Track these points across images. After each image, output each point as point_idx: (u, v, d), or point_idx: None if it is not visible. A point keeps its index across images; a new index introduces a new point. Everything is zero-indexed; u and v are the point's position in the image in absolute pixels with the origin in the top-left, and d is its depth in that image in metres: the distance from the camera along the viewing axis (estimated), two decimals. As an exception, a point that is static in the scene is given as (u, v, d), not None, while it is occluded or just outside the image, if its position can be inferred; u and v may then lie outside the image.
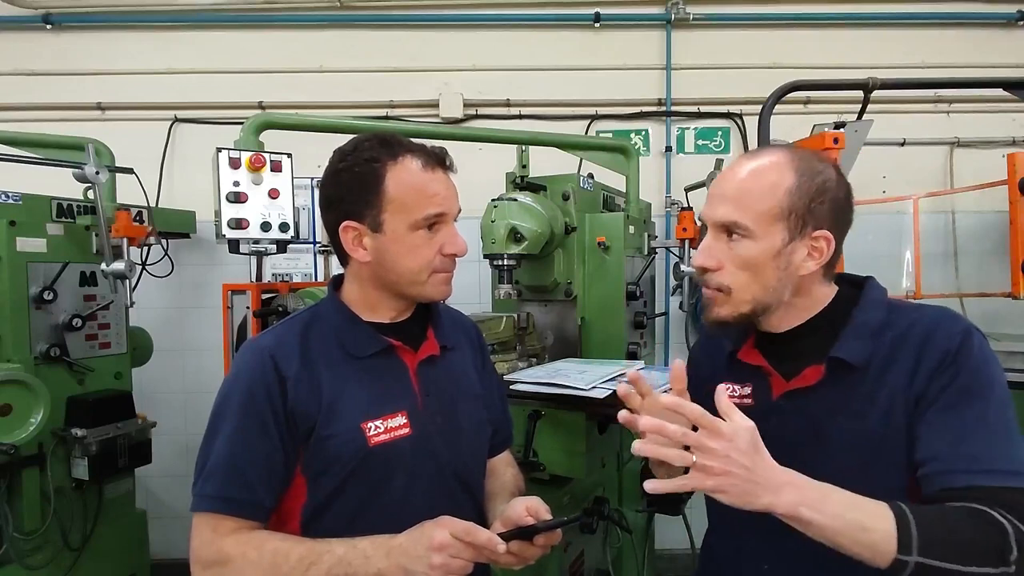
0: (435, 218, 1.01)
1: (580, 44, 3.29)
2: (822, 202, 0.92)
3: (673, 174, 3.28)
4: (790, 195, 0.91)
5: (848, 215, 0.97)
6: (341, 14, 3.29)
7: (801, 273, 0.94)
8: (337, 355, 1.02)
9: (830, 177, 0.94)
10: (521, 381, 1.67)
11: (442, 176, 1.03)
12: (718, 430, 0.78)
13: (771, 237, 0.92)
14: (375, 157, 1.00)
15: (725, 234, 0.95)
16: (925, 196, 2.89)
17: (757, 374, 1.02)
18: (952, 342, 0.88)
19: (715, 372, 1.12)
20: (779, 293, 0.95)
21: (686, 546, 2.36)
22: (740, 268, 0.94)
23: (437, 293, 1.06)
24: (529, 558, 0.94)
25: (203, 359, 3.21)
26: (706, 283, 0.98)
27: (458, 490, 1.08)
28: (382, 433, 0.99)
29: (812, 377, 0.94)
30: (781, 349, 1.01)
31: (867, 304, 0.96)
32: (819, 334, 0.97)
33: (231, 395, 0.98)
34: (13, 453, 1.96)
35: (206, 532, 0.93)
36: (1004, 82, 2.36)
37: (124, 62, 3.28)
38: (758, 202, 0.92)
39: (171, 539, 2.84)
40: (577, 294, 2.18)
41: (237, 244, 1.96)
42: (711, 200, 0.98)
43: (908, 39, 3.24)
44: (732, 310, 0.96)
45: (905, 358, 0.90)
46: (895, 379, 0.90)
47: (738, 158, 1.00)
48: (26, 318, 2.10)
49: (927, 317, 0.93)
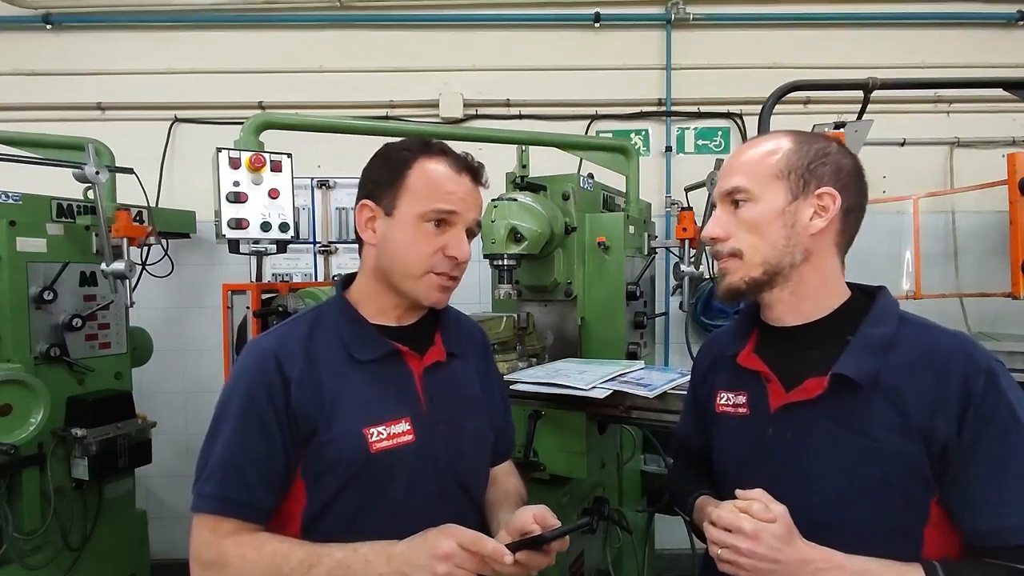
0: (445, 215, 1.00)
1: (580, 44, 3.29)
2: (823, 163, 0.94)
3: (673, 174, 3.28)
4: (788, 156, 0.94)
5: (858, 183, 0.96)
6: (341, 14, 3.29)
7: (810, 232, 0.93)
8: (341, 358, 1.01)
9: (831, 145, 0.96)
10: (521, 381, 1.67)
11: (466, 182, 1.03)
12: (740, 529, 0.83)
13: (772, 197, 0.94)
14: (409, 148, 1.04)
15: (731, 205, 0.98)
16: (925, 196, 2.89)
17: (755, 380, 1.00)
18: (977, 383, 0.85)
19: (708, 373, 1.13)
20: (790, 253, 0.94)
21: (686, 546, 2.35)
22: (748, 231, 0.96)
23: (428, 297, 1.03)
24: (536, 567, 0.92)
25: (203, 359, 3.21)
26: (718, 254, 1.00)
27: (460, 497, 1.06)
28: (384, 439, 0.97)
29: (813, 390, 0.92)
30: (784, 352, 0.99)
31: (877, 316, 0.94)
32: (825, 342, 0.95)
33: (232, 396, 0.97)
34: (13, 453, 1.96)
35: (205, 533, 0.93)
36: (1004, 82, 2.36)
37: (124, 62, 3.28)
38: (756, 166, 0.96)
39: (171, 539, 2.84)
40: (577, 294, 2.18)
41: (237, 244, 1.96)
42: (719, 180, 1.02)
43: (908, 39, 3.24)
44: (744, 273, 0.97)
45: (920, 386, 0.87)
46: (906, 402, 0.87)
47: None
48: (26, 318, 2.10)
49: (946, 346, 0.89)
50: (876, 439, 0.87)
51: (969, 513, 0.84)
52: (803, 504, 0.87)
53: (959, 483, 0.85)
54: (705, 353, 1.17)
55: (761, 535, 0.82)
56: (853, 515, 0.89)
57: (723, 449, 1.06)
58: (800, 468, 0.92)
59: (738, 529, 0.83)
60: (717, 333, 1.18)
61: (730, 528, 0.85)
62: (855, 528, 0.88)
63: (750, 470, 0.97)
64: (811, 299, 0.97)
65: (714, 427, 1.08)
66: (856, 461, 0.88)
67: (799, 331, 0.98)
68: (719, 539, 0.86)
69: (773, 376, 0.98)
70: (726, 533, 0.85)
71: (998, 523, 0.82)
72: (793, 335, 0.99)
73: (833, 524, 0.88)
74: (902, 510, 0.87)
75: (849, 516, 0.89)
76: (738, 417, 1.02)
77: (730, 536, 0.84)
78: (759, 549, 0.82)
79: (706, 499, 1.05)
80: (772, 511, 0.84)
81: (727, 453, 1.05)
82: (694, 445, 1.18)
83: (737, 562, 0.84)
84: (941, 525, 0.87)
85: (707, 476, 1.13)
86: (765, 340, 1.03)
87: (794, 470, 0.93)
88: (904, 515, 0.87)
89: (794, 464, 0.93)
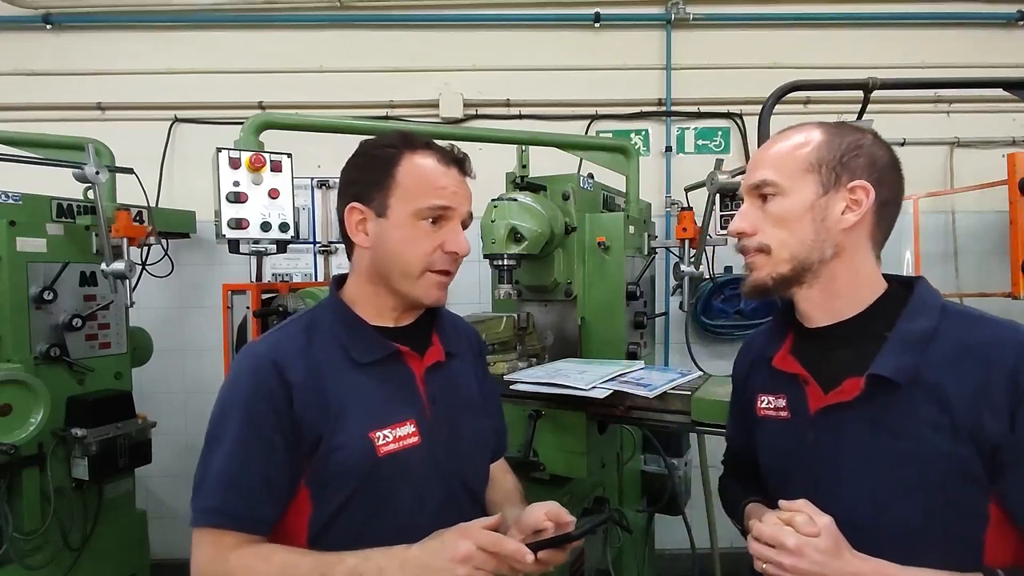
0: (440, 211, 0.98)
1: (580, 44, 3.29)
2: (856, 155, 0.90)
3: (673, 174, 3.28)
4: (818, 149, 0.91)
5: (895, 175, 0.93)
6: (341, 14, 3.29)
7: (842, 227, 0.90)
8: (341, 361, 0.98)
9: (865, 137, 0.93)
10: (521, 381, 1.67)
11: (455, 174, 1.02)
12: (783, 544, 0.80)
13: (802, 190, 0.91)
14: (392, 144, 1.01)
15: (759, 199, 0.95)
16: (925, 196, 2.89)
17: (793, 383, 0.97)
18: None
19: (749, 377, 1.10)
20: (819, 249, 0.90)
21: (686, 546, 2.36)
22: (775, 226, 0.92)
23: (428, 296, 1.01)
24: (555, 564, 0.91)
25: (203, 359, 3.21)
26: (745, 249, 0.97)
27: (464, 499, 1.05)
28: (391, 442, 0.95)
29: (851, 391, 0.89)
30: (820, 353, 0.95)
31: (915, 309, 0.90)
32: (861, 340, 0.91)
33: (230, 406, 0.93)
34: (13, 453, 1.96)
35: (208, 548, 0.90)
36: (1004, 82, 2.36)
37: (124, 62, 3.28)
38: (785, 159, 0.92)
39: (171, 539, 2.84)
40: (577, 294, 2.18)
41: (237, 244, 1.96)
42: (747, 173, 0.98)
43: (908, 39, 3.24)
44: (772, 269, 0.94)
45: (964, 380, 0.83)
46: (949, 399, 0.83)
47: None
48: (26, 318, 2.10)
49: (991, 336, 0.85)
50: (914, 440, 0.84)
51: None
52: (844, 509, 0.84)
53: (1017, 483, 0.81)
54: (744, 356, 1.14)
55: (805, 550, 0.79)
56: (895, 519, 0.85)
57: (766, 453, 1.04)
58: (836, 472, 0.90)
59: (781, 545, 0.80)
60: (754, 334, 1.15)
61: (773, 543, 0.82)
62: (899, 533, 0.85)
63: (792, 475, 0.96)
64: (843, 296, 0.94)
65: (757, 431, 1.05)
66: (891, 464, 0.85)
67: (834, 329, 0.95)
68: (762, 555, 0.83)
69: (811, 378, 0.94)
70: (769, 549, 0.82)
71: None
72: (828, 334, 0.95)
73: (875, 529, 0.85)
74: (952, 513, 0.83)
75: (891, 521, 0.86)
76: (780, 420, 0.99)
77: (773, 552, 0.81)
78: (803, 565, 0.79)
79: (755, 506, 1.03)
80: (817, 523, 0.80)
81: (770, 457, 1.03)
82: (741, 450, 1.15)
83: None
84: (1003, 528, 0.83)
85: (755, 480, 1.09)
86: (800, 340, 0.99)
87: (833, 474, 0.90)
88: (956, 518, 0.83)
89: (830, 468, 0.90)
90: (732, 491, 1.14)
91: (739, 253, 1.00)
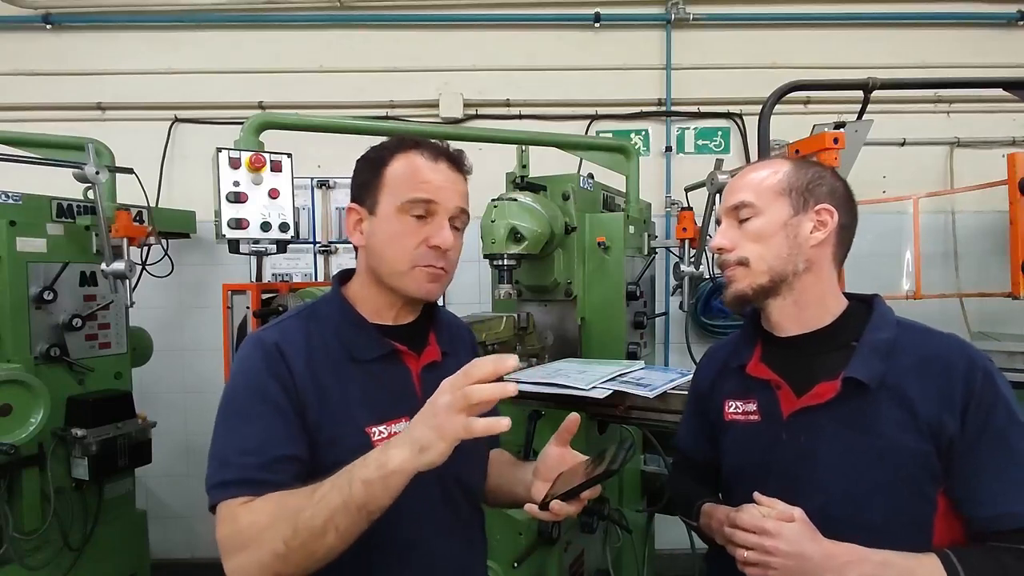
0: (424, 204, 0.98)
1: (580, 44, 3.29)
2: (820, 184, 1.03)
3: (673, 174, 3.28)
4: (788, 176, 1.04)
5: (851, 203, 1.06)
6: (341, 14, 3.29)
7: (811, 244, 1.01)
8: (340, 357, 0.99)
9: (825, 171, 1.06)
10: (521, 381, 1.67)
11: (444, 169, 1.02)
12: (764, 529, 0.89)
13: (776, 210, 1.02)
14: (388, 147, 1.04)
15: (736, 220, 1.06)
16: (925, 196, 2.89)
17: (765, 388, 1.05)
18: (977, 382, 0.92)
19: (715, 385, 1.16)
20: (793, 262, 1.01)
21: (686, 546, 2.35)
22: (753, 241, 1.03)
23: (419, 289, 1.01)
24: (573, 513, 0.91)
25: (203, 359, 3.21)
26: (725, 263, 1.07)
27: (459, 496, 1.06)
28: (386, 439, 0.94)
29: (825, 394, 0.97)
30: (791, 360, 1.04)
31: (878, 322, 1.01)
32: (832, 348, 1.01)
33: (240, 385, 0.93)
34: (13, 453, 1.96)
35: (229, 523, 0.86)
36: (1004, 82, 2.36)
37: (124, 62, 3.28)
38: (760, 183, 1.05)
39: (171, 539, 2.84)
40: (577, 294, 2.18)
41: (237, 244, 1.96)
42: (723, 199, 1.11)
43: (908, 39, 3.24)
44: (751, 280, 1.03)
45: (926, 386, 0.93)
46: (912, 402, 0.93)
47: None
48: (26, 318, 2.10)
49: (946, 348, 0.97)
50: (886, 437, 0.93)
51: (975, 501, 0.91)
52: (819, 504, 0.93)
53: (965, 474, 0.91)
54: (707, 366, 1.22)
55: (783, 531, 0.88)
56: (867, 511, 0.93)
57: (734, 455, 1.11)
58: (813, 469, 0.97)
59: (762, 530, 0.89)
60: (717, 345, 1.25)
61: (753, 529, 0.90)
62: (869, 523, 0.93)
63: (764, 474, 1.02)
64: (813, 307, 1.04)
65: (723, 436, 1.12)
66: (869, 460, 0.94)
67: (804, 339, 1.04)
68: (744, 540, 0.91)
69: (784, 383, 1.02)
70: (751, 534, 0.90)
71: (1003, 509, 0.89)
72: (798, 343, 1.04)
73: (847, 520, 0.93)
74: (914, 503, 0.93)
75: (862, 512, 0.94)
76: (750, 424, 1.07)
77: (754, 536, 0.90)
78: (784, 545, 0.87)
79: (711, 506, 1.10)
80: (791, 511, 0.90)
81: (739, 459, 1.09)
82: (696, 455, 1.23)
83: (767, 562, 0.89)
84: (947, 515, 0.93)
85: (709, 484, 1.19)
86: (770, 349, 1.08)
87: (808, 471, 0.97)
88: (916, 508, 0.93)
89: (807, 466, 0.97)
90: (685, 491, 1.22)
91: (719, 268, 1.11)
